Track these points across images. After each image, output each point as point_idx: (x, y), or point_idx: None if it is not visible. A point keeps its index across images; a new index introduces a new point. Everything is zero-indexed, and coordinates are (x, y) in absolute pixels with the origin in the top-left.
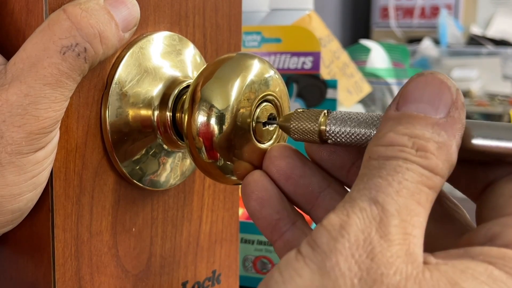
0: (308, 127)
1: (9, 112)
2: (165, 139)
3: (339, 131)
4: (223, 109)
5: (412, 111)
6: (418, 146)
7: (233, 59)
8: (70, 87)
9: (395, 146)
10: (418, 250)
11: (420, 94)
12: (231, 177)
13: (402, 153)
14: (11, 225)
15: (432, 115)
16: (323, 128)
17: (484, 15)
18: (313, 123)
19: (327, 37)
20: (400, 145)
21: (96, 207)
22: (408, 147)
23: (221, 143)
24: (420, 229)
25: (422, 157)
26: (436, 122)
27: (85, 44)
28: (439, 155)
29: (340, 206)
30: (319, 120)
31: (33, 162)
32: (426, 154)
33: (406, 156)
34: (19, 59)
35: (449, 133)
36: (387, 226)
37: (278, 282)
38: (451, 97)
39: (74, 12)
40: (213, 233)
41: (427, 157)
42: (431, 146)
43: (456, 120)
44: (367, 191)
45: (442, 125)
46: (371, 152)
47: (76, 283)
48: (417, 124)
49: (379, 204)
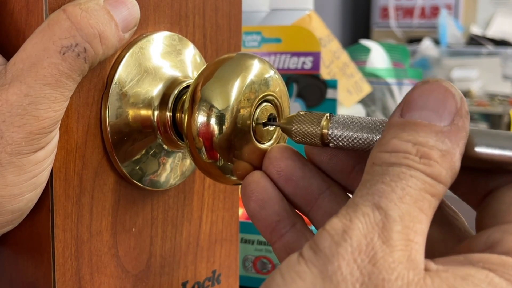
0: (310, 131)
1: (9, 112)
2: (165, 139)
3: (341, 135)
4: (223, 109)
5: (416, 118)
6: (422, 154)
7: (233, 59)
8: (70, 87)
9: (399, 152)
10: (419, 257)
11: (425, 101)
12: (231, 177)
13: (406, 160)
14: (11, 225)
15: (436, 122)
16: (325, 131)
17: (484, 15)
18: (315, 127)
19: (327, 37)
20: (404, 152)
21: (96, 207)
22: (412, 154)
23: (221, 143)
24: (422, 236)
25: (425, 165)
26: (440, 130)
27: (85, 45)
28: (442, 163)
29: (343, 211)
30: (321, 123)
31: (33, 162)
32: (429, 161)
33: (409, 163)
34: (19, 59)
35: (453, 141)
36: (389, 232)
37: (279, 285)
38: (456, 105)
39: (74, 12)
40: (213, 233)
41: (430, 165)
42: (435, 154)
43: (460, 129)
44: (370, 196)
45: (446, 133)
46: (374, 158)
47: (76, 283)
48: (421, 132)
49: (382, 209)
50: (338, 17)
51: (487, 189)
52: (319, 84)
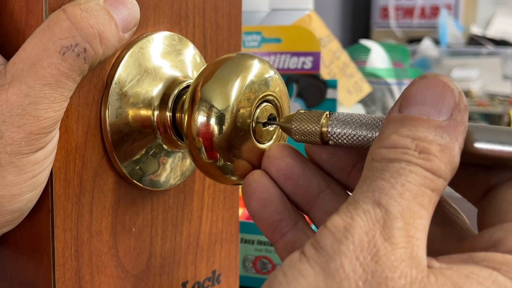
0: (309, 129)
1: (9, 112)
2: (165, 139)
3: (341, 132)
4: (223, 109)
5: (414, 113)
6: (421, 148)
7: (233, 59)
8: (69, 87)
9: (398, 148)
10: (421, 253)
11: (423, 96)
12: (231, 177)
13: (405, 155)
14: (11, 225)
15: (435, 117)
16: (325, 129)
17: (484, 15)
18: (314, 125)
19: (327, 37)
20: (403, 147)
21: (96, 207)
22: (411, 149)
23: (221, 144)
24: (423, 231)
25: (425, 159)
26: (439, 125)
27: (84, 45)
28: (442, 157)
29: (344, 208)
30: (320, 121)
31: (32, 162)
32: (429, 156)
33: (409, 158)
34: (19, 59)
35: (452, 135)
36: (391, 229)
37: (281, 283)
38: (454, 100)
39: (74, 12)
40: (213, 233)
41: (430, 159)
42: (434, 149)
43: (459, 123)
44: (371, 193)
45: (444, 128)
46: (374, 154)
47: (76, 283)
48: (420, 127)
49: (383, 206)
50: (338, 17)
51: (488, 186)
52: (319, 84)
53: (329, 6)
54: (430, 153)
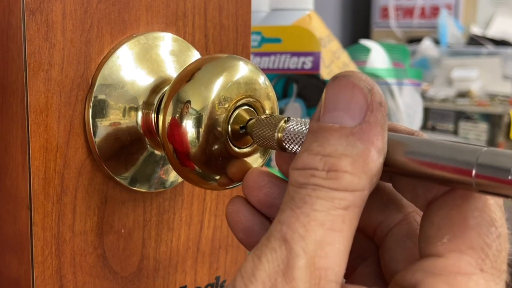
0: (267, 134)
1: None
2: (150, 140)
3: (296, 139)
4: (199, 110)
5: (328, 121)
6: (329, 166)
7: (217, 60)
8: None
9: (307, 169)
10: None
11: (336, 100)
12: (211, 183)
13: (313, 179)
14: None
15: (348, 123)
16: (281, 135)
17: (484, 15)
18: (272, 130)
19: (327, 37)
20: (311, 168)
21: (80, 206)
22: (319, 169)
23: (196, 154)
24: (335, 257)
25: (332, 179)
26: (351, 132)
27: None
28: (354, 170)
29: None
30: (278, 126)
31: None
32: (337, 174)
33: (315, 181)
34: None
35: (366, 141)
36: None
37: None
38: (365, 100)
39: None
40: (216, 239)
41: (338, 178)
42: (343, 163)
43: (372, 125)
44: (279, 226)
45: (357, 134)
46: (290, 175)
47: (57, 281)
48: (331, 139)
49: (288, 243)
50: (338, 17)
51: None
52: (319, 84)
53: (329, 6)
54: (339, 170)
